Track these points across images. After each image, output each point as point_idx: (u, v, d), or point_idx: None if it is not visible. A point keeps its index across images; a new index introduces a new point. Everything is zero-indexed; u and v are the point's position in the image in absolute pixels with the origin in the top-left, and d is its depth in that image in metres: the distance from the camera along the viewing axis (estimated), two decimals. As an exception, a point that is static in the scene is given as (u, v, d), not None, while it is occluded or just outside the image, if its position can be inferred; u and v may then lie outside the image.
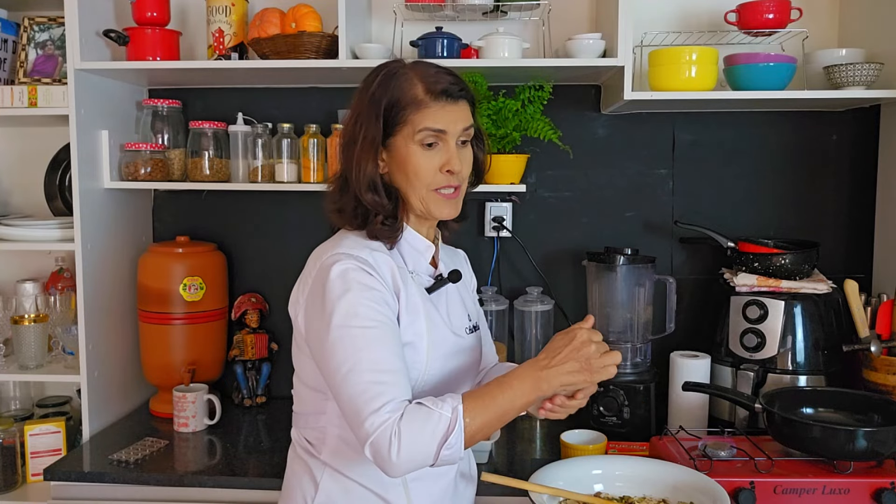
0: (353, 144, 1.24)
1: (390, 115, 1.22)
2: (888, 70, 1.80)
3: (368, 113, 1.23)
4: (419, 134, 1.22)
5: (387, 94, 1.22)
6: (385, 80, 1.24)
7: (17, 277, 2.10)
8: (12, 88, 1.86)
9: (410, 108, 1.22)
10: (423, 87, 1.23)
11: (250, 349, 2.06)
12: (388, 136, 1.23)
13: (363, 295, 1.16)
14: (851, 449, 1.42)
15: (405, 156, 1.22)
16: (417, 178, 1.23)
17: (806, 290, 1.81)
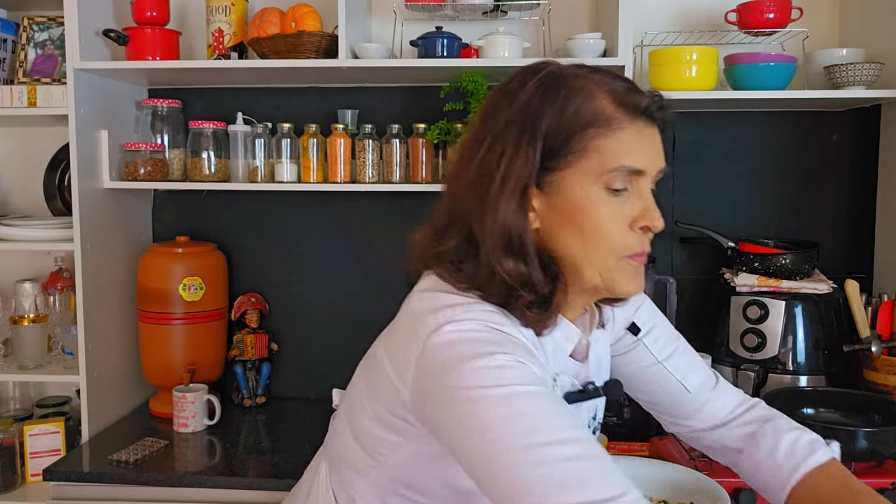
0: (487, 179, 0.85)
1: (557, 141, 0.84)
2: (888, 70, 1.80)
3: (516, 132, 0.84)
4: (609, 174, 0.84)
5: (552, 108, 0.84)
6: (547, 85, 0.86)
7: (17, 277, 2.09)
8: (11, 88, 1.86)
9: (594, 131, 0.84)
10: (611, 99, 0.85)
11: (250, 349, 2.06)
12: (549, 172, 0.85)
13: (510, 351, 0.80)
14: (852, 449, 1.42)
15: (580, 203, 0.84)
16: (601, 238, 0.86)
17: (806, 290, 1.81)
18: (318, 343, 2.16)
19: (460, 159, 0.90)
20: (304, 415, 2.03)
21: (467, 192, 0.87)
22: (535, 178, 0.84)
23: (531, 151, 0.83)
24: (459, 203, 0.88)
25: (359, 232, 2.13)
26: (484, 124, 0.88)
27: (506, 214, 0.84)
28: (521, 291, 0.85)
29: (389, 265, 2.12)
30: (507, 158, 0.84)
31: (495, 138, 0.85)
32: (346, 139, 1.90)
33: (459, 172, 0.89)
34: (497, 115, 0.87)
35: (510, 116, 0.85)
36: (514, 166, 0.84)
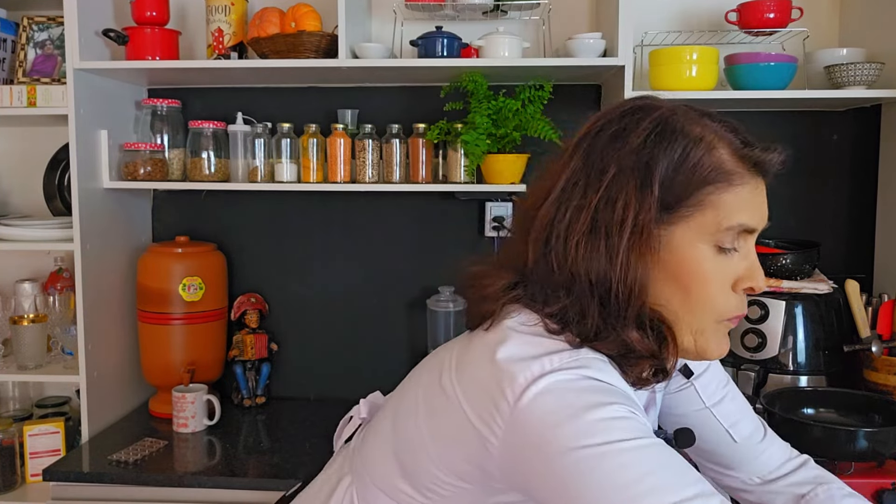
0: (603, 232, 0.76)
1: (672, 193, 0.76)
2: (889, 70, 1.80)
3: (630, 180, 0.76)
4: (723, 233, 0.78)
5: (669, 157, 0.77)
6: (663, 129, 0.79)
7: (16, 277, 2.09)
8: (11, 88, 1.85)
9: (714, 186, 0.77)
10: (731, 152, 0.80)
11: (250, 349, 2.06)
12: (660, 226, 0.77)
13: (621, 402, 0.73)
14: (852, 449, 1.42)
15: (688, 261, 0.77)
16: (705, 299, 0.79)
17: (807, 290, 1.81)
18: (318, 343, 2.16)
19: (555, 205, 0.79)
20: (303, 415, 2.03)
21: (576, 248, 0.77)
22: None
23: (651, 204, 0.76)
24: (561, 259, 0.78)
25: (359, 232, 2.13)
26: (586, 168, 0.79)
27: (634, 275, 0.75)
28: (639, 357, 0.78)
29: (389, 265, 2.12)
30: (632, 211, 0.76)
31: (609, 187, 0.77)
32: (346, 139, 1.90)
33: (553, 220, 0.79)
34: (604, 160, 0.78)
35: (622, 163, 0.77)
36: (640, 220, 0.75)
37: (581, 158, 0.80)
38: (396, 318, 2.14)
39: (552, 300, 0.79)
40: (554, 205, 0.79)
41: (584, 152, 0.80)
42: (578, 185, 0.78)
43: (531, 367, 0.73)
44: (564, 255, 0.77)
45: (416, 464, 0.83)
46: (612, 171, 0.77)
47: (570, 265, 0.77)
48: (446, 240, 2.11)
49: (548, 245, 0.79)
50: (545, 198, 0.80)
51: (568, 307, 0.78)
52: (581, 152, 0.80)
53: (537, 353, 0.75)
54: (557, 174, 0.81)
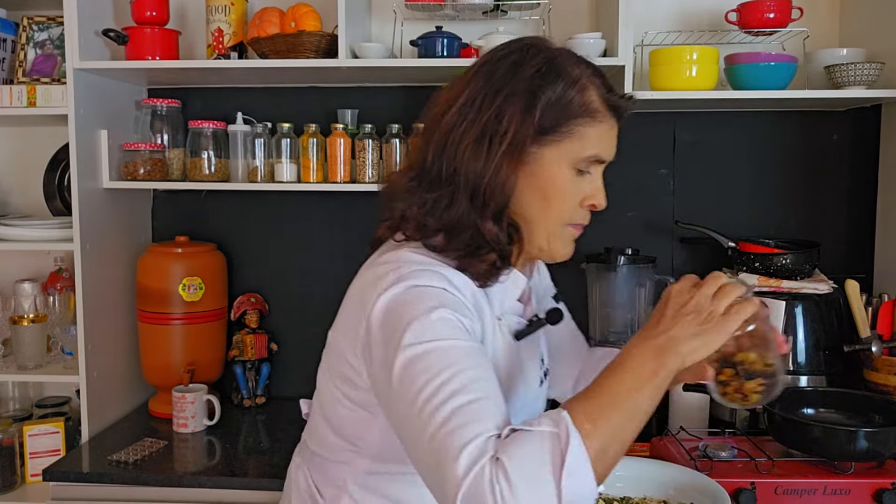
0: (491, 140, 0.91)
1: (548, 115, 0.92)
2: (889, 70, 1.80)
3: (518, 99, 0.92)
4: (584, 159, 0.95)
5: (552, 87, 0.92)
6: (548, 64, 0.93)
7: (16, 277, 2.09)
8: (11, 88, 1.85)
9: (582, 118, 0.94)
10: (598, 93, 0.96)
11: (250, 349, 2.06)
12: (535, 145, 0.93)
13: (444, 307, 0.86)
14: (852, 449, 1.42)
15: (552, 177, 0.94)
16: (557, 209, 0.96)
17: (807, 290, 1.81)
18: (317, 343, 2.13)
19: (455, 115, 0.94)
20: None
21: (464, 151, 0.92)
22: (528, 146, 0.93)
23: (531, 125, 0.91)
24: (451, 158, 0.94)
25: (359, 232, 2.13)
26: (485, 87, 0.93)
27: (503, 179, 0.92)
28: (489, 250, 0.94)
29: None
30: (514, 125, 0.91)
31: (500, 105, 0.91)
32: (345, 139, 1.90)
33: (452, 128, 0.94)
34: (499, 83, 0.93)
35: (514, 87, 0.92)
36: (519, 136, 0.91)
37: (482, 79, 0.95)
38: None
39: (434, 189, 0.95)
40: (455, 115, 0.94)
41: (485, 75, 0.95)
42: (476, 101, 0.93)
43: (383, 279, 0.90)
44: (454, 156, 0.93)
45: (334, 414, 1.01)
46: (504, 92, 0.92)
47: (457, 164, 0.93)
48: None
49: (444, 147, 0.94)
50: (448, 109, 0.96)
51: (444, 196, 0.94)
52: (482, 74, 0.95)
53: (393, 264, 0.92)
54: (461, 90, 0.96)
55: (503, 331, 1.00)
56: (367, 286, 0.93)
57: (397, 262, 0.93)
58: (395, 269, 0.91)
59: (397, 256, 0.94)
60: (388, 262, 0.94)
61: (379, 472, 1.00)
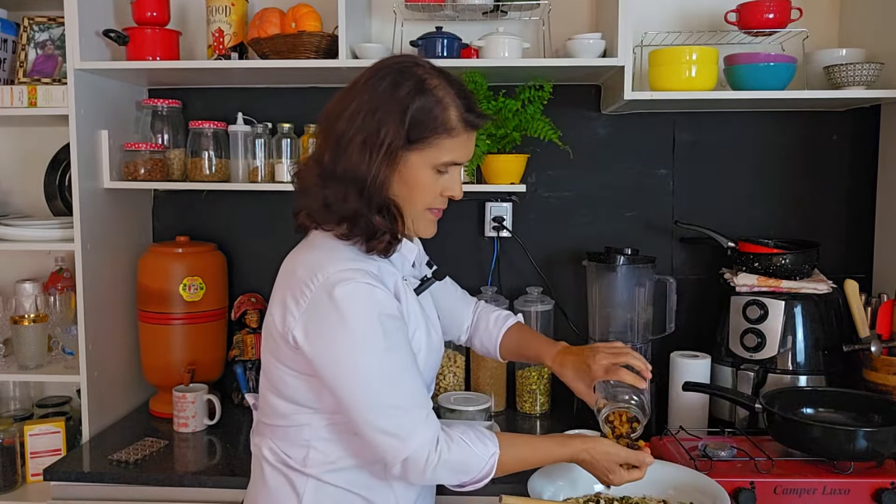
0: (371, 148, 1.13)
1: (415, 130, 1.13)
2: (888, 70, 1.80)
3: (393, 115, 1.13)
4: (442, 164, 1.17)
5: (418, 105, 1.13)
6: (418, 87, 1.14)
7: (17, 277, 2.10)
8: (12, 88, 1.86)
9: (441, 133, 1.15)
10: (457, 114, 1.16)
11: (250, 349, 2.06)
12: (404, 150, 1.14)
13: (386, 318, 1.12)
14: (851, 449, 1.42)
15: (415, 176, 1.16)
16: (420, 199, 1.19)
17: (806, 290, 1.81)
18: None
19: (346, 120, 1.15)
20: (304, 415, 2.02)
21: (352, 154, 1.13)
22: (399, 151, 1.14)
23: (402, 131, 1.12)
24: (342, 159, 1.14)
25: (359, 232, 2.13)
26: (368, 102, 1.14)
27: (386, 178, 1.14)
28: (383, 232, 1.16)
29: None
30: (390, 136, 1.12)
31: (376, 113, 1.12)
32: (346, 139, 1.90)
33: (344, 131, 1.15)
34: (379, 99, 1.13)
35: (390, 105, 1.13)
36: (394, 141, 1.12)
37: (367, 93, 1.15)
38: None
39: (331, 185, 1.16)
40: (344, 123, 1.15)
41: (369, 90, 1.15)
42: (361, 113, 1.14)
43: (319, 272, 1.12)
44: (344, 159, 1.14)
45: (285, 385, 1.19)
46: (382, 108, 1.13)
47: (346, 165, 1.14)
48: (446, 239, 2.11)
49: (336, 150, 1.15)
50: (340, 116, 1.17)
51: (339, 192, 1.15)
52: (367, 89, 1.15)
53: (324, 259, 1.14)
54: (350, 101, 1.16)
55: (409, 288, 1.25)
56: (308, 266, 1.15)
57: (316, 259, 1.16)
58: (315, 263, 1.15)
59: (314, 252, 1.19)
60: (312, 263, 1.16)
61: (336, 423, 1.18)
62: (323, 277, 1.12)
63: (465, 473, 1.14)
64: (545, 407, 2.01)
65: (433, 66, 1.19)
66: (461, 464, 1.13)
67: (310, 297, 1.12)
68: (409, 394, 1.13)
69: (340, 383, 1.12)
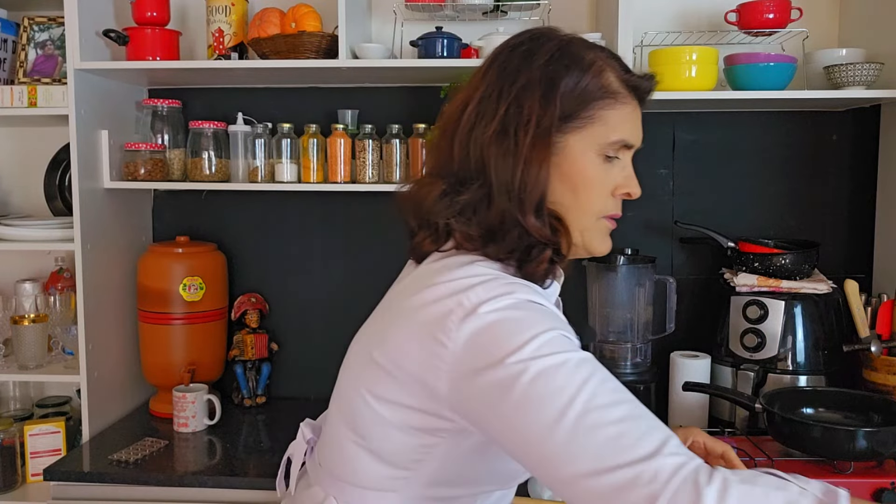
0: (512, 133, 0.87)
1: (568, 102, 0.88)
2: (888, 70, 1.80)
3: (534, 88, 0.87)
4: (608, 144, 0.90)
5: (568, 72, 0.88)
6: (560, 49, 0.90)
7: (17, 277, 2.10)
8: (12, 88, 1.86)
9: (603, 102, 0.89)
10: (616, 75, 0.91)
11: (250, 349, 2.06)
12: (558, 134, 0.88)
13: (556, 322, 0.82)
14: (851, 449, 1.42)
15: (579, 167, 0.89)
16: (590, 201, 0.92)
17: (806, 290, 1.81)
18: (318, 343, 2.16)
19: (474, 112, 0.90)
20: (303, 415, 2.00)
21: (489, 147, 0.88)
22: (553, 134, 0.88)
23: (553, 112, 0.87)
24: (477, 157, 0.89)
25: (359, 232, 2.13)
26: (500, 80, 0.90)
27: (535, 170, 0.86)
28: (542, 247, 0.89)
29: (390, 265, 2.12)
30: (535, 116, 0.87)
31: (518, 96, 0.88)
32: (346, 139, 1.90)
33: (473, 125, 0.89)
34: (514, 75, 0.89)
35: (530, 77, 0.88)
36: (543, 124, 0.87)
37: (496, 73, 0.91)
38: (396, 317, 2.14)
39: (466, 191, 0.89)
40: (473, 112, 0.90)
41: (499, 67, 0.91)
42: (493, 95, 0.89)
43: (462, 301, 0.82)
44: (480, 154, 0.89)
45: (383, 439, 0.89)
46: (521, 82, 0.88)
47: (484, 162, 0.88)
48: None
49: (468, 147, 0.90)
50: (465, 107, 0.92)
51: (479, 198, 0.89)
52: (496, 68, 0.91)
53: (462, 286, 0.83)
54: (476, 86, 0.92)
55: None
56: (442, 301, 0.83)
57: (476, 276, 0.84)
58: (480, 283, 0.82)
59: (472, 271, 0.86)
60: (464, 276, 0.85)
61: (429, 498, 0.92)
62: (473, 301, 0.81)
63: None
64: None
65: (569, 33, 0.94)
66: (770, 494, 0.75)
67: (460, 330, 0.81)
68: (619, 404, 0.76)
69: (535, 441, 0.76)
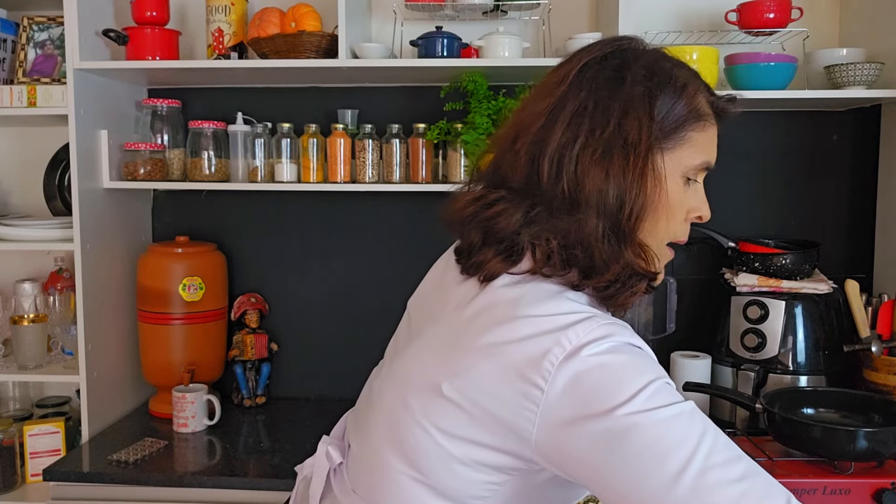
0: (619, 155, 0.80)
1: (667, 125, 0.83)
2: (889, 70, 1.80)
3: (638, 111, 0.81)
4: (695, 167, 0.86)
5: (664, 92, 0.83)
6: (654, 71, 0.84)
7: (17, 277, 2.09)
8: (11, 88, 1.86)
9: (695, 124, 0.85)
10: (706, 98, 0.87)
11: (250, 349, 2.06)
12: (659, 156, 0.83)
13: (658, 369, 0.78)
14: (852, 449, 1.42)
15: (667, 189, 0.84)
16: (669, 224, 0.86)
17: (807, 290, 1.81)
18: (318, 343, 2.16)
19: (567, 128, 0.82)
20: (304, 415, 2.03)
21: (590, 168, 0.80)
22: None
23: (654, 133, 0.81)
24: (572, 178, 0.81)
25: (359, 232, 2.13)
26: (593, 94, 0.82)
27: (640, 197, 0.80)
28: (639, 279, 0.83)
29: (390, 265, 2.12)
30: (641, 138, 0.81)
31: (620, 116, 0.81)
32: (346, 139, 1.90)
33: (567, 142, 0.81)
34: (612, 90, 0.82)
35: (630, 95, 0.82)
36: (646, 147, 0.81)
37: (587, 85, 0.83)
38: (396, 317, 2.13)
39: (560, 214, 0.81)
40: (564, 128, 0.82)
41: (589, 80, 0.83)
42: (587, 111, 0.81)
43: (559, 340, 0.75)
44: (579, 177, 0.80)
45: (446, 475, 0.81)
46: (620, 100, 0.81)
47: (585, 186, 0.80)
48: (446, 240, 2.11)
49: (561, 166, 0.81)
50: (545, 121, 0.83)
51: (580, 222, 0.80)
52: (586, 80, 0.83)
53: (558, 325, 0.76)
54: (561, 98, 0.84)
55: None
56: (537, 339, 0.76)
57: (573, 313, 0.78)
58: (579, 322, 0.76)
59: (565, 307, 0.79)
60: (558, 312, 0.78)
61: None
62: (574, 343, 0.75)
63: None
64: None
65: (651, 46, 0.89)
66: None
67: (559, 373, 0.74)
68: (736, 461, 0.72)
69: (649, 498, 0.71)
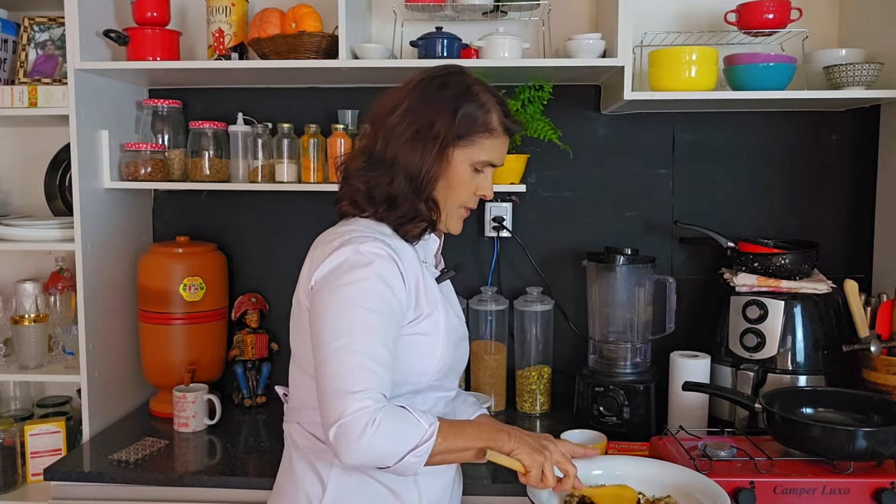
0: (430, 141, 1.23)
1: (462, 126, 1.23)
2: (888, 70, 1.80)
3: (444, 112, 1.23)
4: (480, 162, 1.27)
5: (466, 105, 1.24)
6: (465, 89, 1.26)
7: (18, 277, 2.10)
8: (12, 88, 1.86)
9: (482, 132, 1.25)
10: (498, 117, 1.27)
11: (250, 349, 2.06)
12: (451, 146, 1.25)
13: (380, 279, 1.17)
14: (851, 449, 1.42)
15: (457, 172, 1.26)
16: (457, 196, 1.29)
17: (806, 290, 1.81)
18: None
19: (398, 118, 1.24)
20: (304, 415, 2.03)
21: (403, 146, 1.23)
22: None
23: (452, 128, 1.23)
24: (392, 151, 1.24)
25: (359, 232, 2.13)
26: (420, 99, 1.25)
27: (437, 171, 1.24)
28: (421, 220, 1.27)
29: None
30: (442, 130, 1.22)
31: (433, 114, 1.23)
32: (346, 139, 1.90)
33: (394, 126, 1.24)
34: (431, 97, 1.24)
35: (440, 104, 1.24)
36: (447, 137, 1.23)
37: (418, 93, 1.26)
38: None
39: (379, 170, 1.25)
40: (398, 117, 1.25)
41: (419, 91, 1.26)
42: (413, 109, 1.24)
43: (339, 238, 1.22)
44: (395, 148, 1.24)
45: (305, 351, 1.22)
46: (433, 106, 1.24)
47: (397, 153, 1.24)
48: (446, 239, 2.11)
49: (388, 141, 1.25)
50: (391, 112, 1.26)
51: (387, 175, 1.24)
52: (418, 89, 1.26)
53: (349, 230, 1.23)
54: (402, 98, 1.26)
55: (430, 271, 1.33)
56: (321, 245, 1.24)
57: (349, 229, 1.24)
58: (347, 232, 1.23)
59: (349, 226, 1.26)
60: (344, 232, 1.24)
61: None
62: (340, 241, 1.20)
63: (403, 441, 1.09)
64: (545, 407, 2.01)
65: (474, 76, 1.31)
66: (400, 428, 1.09)
67: (332, 254, 1.18)
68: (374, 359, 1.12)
69: (312, 323, 1.17)
